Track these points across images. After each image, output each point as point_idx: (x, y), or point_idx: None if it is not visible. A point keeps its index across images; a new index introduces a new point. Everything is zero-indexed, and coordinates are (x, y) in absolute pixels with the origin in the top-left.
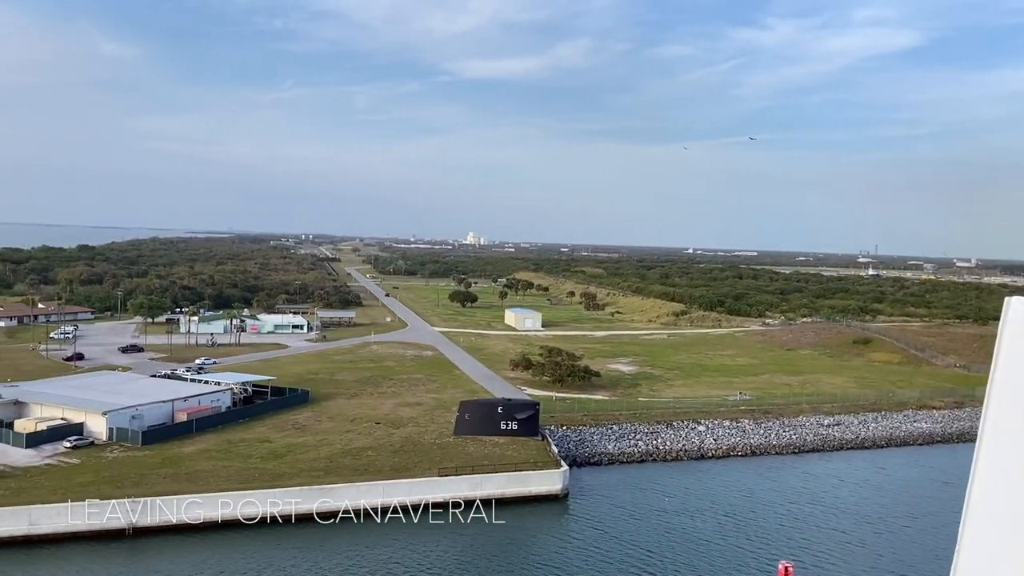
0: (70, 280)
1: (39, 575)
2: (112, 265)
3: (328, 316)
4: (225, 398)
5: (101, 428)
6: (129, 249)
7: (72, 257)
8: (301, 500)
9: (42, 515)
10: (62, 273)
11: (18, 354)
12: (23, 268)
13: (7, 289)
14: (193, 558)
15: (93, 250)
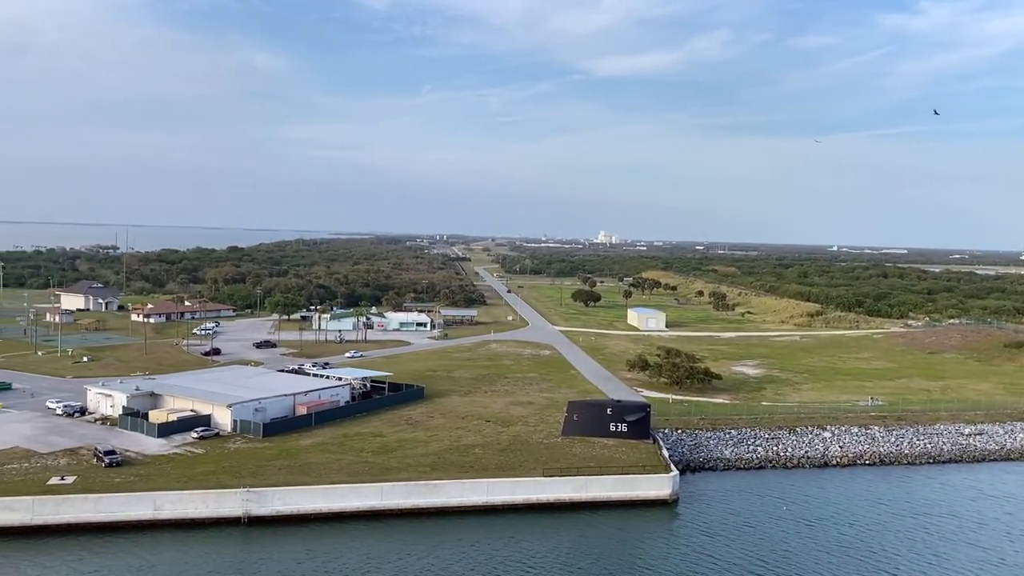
0: (216, 279)
1: (163, 558)
2: (256, 265)
3: (451, 314)
4: (344, 393)
5: (226, 420)
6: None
7: (222, 258)
8: (407, 495)
9: (165, 501)
10: (210, 273)
11: (163, 349)
12: (175, 268)
13: (160, 288)
14: (303, 548)
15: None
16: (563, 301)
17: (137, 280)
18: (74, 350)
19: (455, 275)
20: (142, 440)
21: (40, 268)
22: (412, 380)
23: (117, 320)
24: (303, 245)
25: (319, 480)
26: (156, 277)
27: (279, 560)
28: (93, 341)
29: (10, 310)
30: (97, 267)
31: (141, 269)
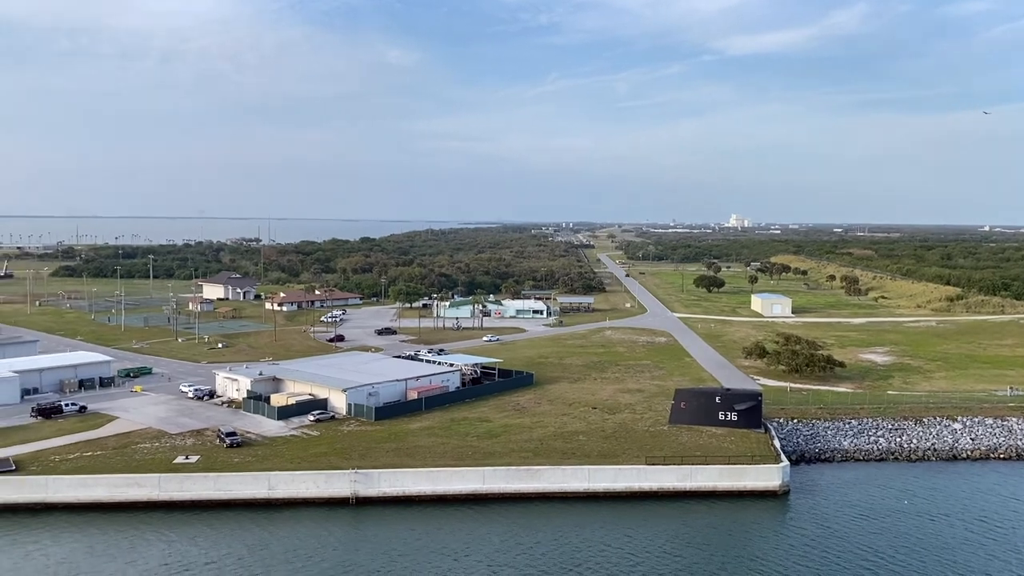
0: (345, 269)
1: (277, 535)
2: (385, 255)
3: (567, 301)
4: (454, 378)
5: (341, 403)
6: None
7: (354, 248)
8: (508, 479)
9: (279, 481)
10: (341, 263)
11: (292, 336)
12: (310, 259)
13: (294, 277)
14: (409, 529)
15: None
16: (685, 287)
17: (274, 270)
18: (210, 337)
19: (576, 263)
20: (263, 422)
21: (188, 260)
22: (523, 367)
23: (253, 308)
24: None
25: (424, 463)
26: (292, 267)
27: (386, 540)
28: (229, 328)
29: (157, 299)
30: (239, 258)
31: (278, 260)
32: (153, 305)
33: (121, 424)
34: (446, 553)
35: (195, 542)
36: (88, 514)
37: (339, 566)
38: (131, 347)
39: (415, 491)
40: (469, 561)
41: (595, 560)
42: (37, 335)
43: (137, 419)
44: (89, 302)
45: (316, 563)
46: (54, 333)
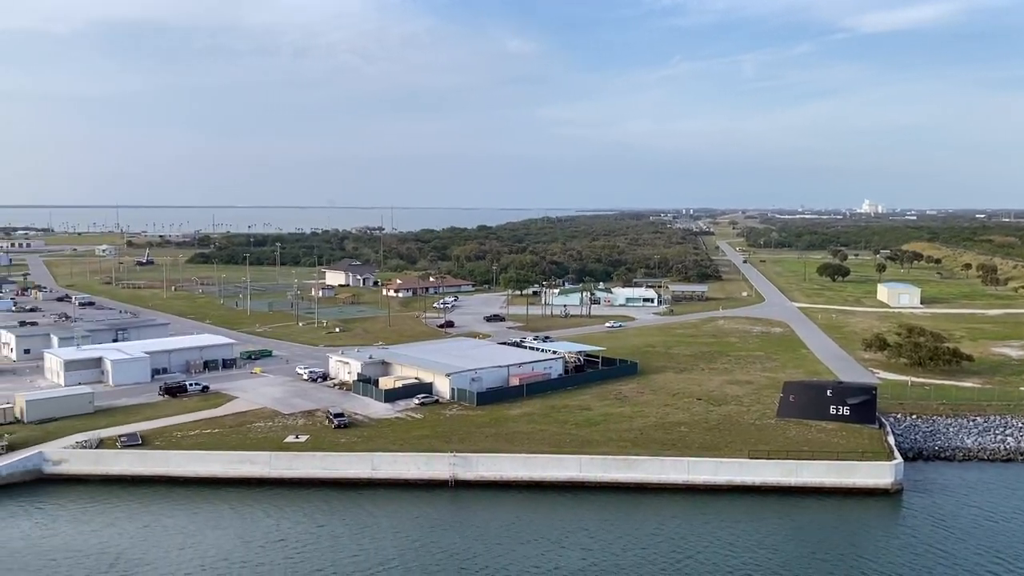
0: (459, 257)
1: (379, 514)
2: (499, 243)
3: (680, 290)
4: (557, 366)
5: (445, 388)
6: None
7: (470, 236)
8: (606, 468)
9: (382, 462)
10: (456, 250)
11: (404, 321)
12: (427, 247)
13: (412, 265)
14: (506, 513)
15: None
16: (807, 276)
17: (393, 258)
18: (329, 321)
19: (692, 250)
20: (370, 404)
21: (313, 248)
22: (628, 355)
23: (371, 295)
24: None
25: (521, 449)
26: (410, 255)
27: (483, 522)
28: (347, 313)
29: (282, 286)
30: (361, 246)
31: (397, 248)
32: (278, 291)
33: (239, 404)
34: (542, 538)
35: (306, 518)
36: (205, 488)
37: (437, 546)
38: (255, 330)
39: (512, 476)
40: (565, 547)
41: (696, 552)
42: (170, 318)
43: (254, 399)
44: (219, 287)
45: (416, 543)
46: (186, 316)
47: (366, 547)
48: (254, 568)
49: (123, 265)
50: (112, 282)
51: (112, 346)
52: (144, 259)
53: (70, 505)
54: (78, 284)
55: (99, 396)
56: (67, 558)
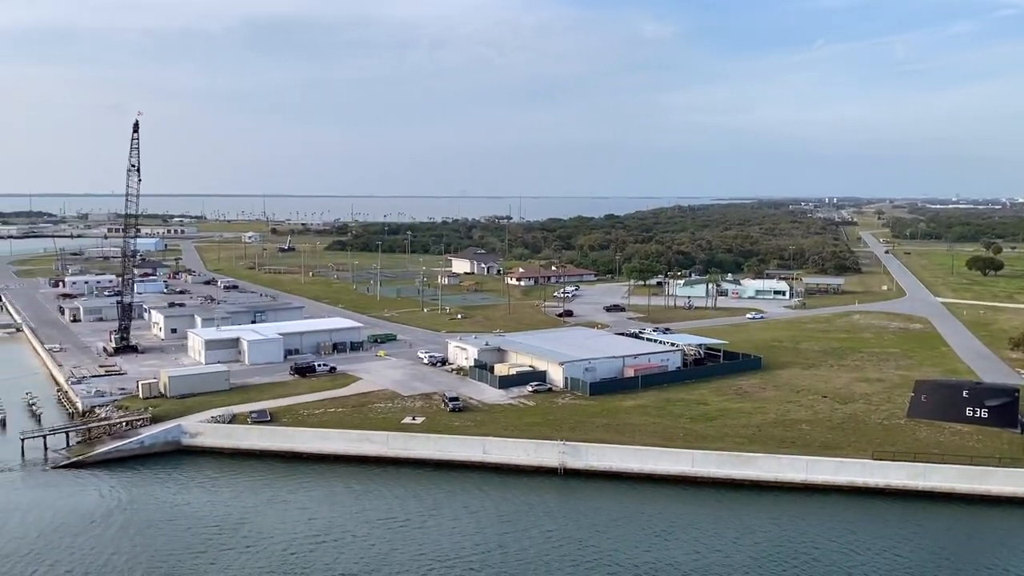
0: (583, 246)
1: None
2: (626, 232)
3: (813, 282)
4: (675, 358)
5: (559, 376)
6: (648, 217)
7: (597, 226)
8: (720, 464)
9: (492, 446)
10: (581, 240)
11: (524, 309)
12: (552, 236)
13: (536, 254)
14: (614, 504)
15: (616, 219)
16: (955, 269)
17: (518, 247)
18: (451, 308)
19: (831, 241)
20: (485, 390)
21: (442, 237)
22: (753, 350)
23: (494, 283)
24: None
25: (633, 441)
26: (535, 244)
27: (591, 512)
28: (469, 301)
29: (411, 272)
30: (488, 235)
31: (523, 237)
32: (407, 278)
33: (363, 385)
34: (650, 532)
35: (420, 498)
36: (326, 464)
37: (545, 533)
38: (382, 315)
39: (622, 467)
40: (674, 541)
41: (810, 552)
42: (305, 302)
43: (377, 381)
44: (352, 274)
45: (523, 529)
46: (320, 300)
47: (474, 529)
48: (367, 544)
49: (266, 251)
50: (255, 267)
51: (249, 327)
52: (286, 246)
53: (201, 476)
54: (224, 268)
55: (235, 374)
56: (197, 524)
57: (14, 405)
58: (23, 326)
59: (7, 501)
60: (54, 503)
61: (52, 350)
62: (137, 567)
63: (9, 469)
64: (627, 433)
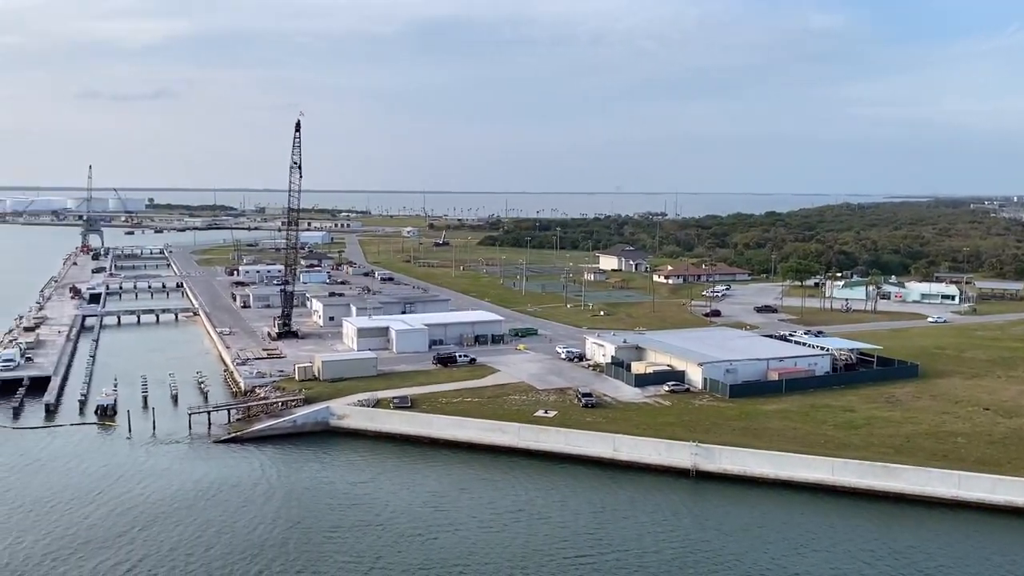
0: (737, 244)
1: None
2: (786, 230)
3: (988, 287)
4: (823, 363)
5: (697, 377)
6: (812, 215)
7: (755, 223)
8: (861, 475)
9: (623, 444)
10: (737, 237)
11: (670, 308)
12: (706, 233)
13: (688, 252)
14: (747, 509)
15: (776, 216)
16: None
17: (670, 244)
18: (595, 304)
19: (1015, 242)
20: (620, 388)
21: (592, 233)
22: (910, 357)
23: (641, 280)
24: (845, 210)
25: (769, 445)
26: (687, 241)
27: (723, 516)
28: (614, 298)
29: (558, 268)
30: (638, 232)
31: (676, 234)
32: (554, 273)
33: (500, 377)
34: (783, 540)
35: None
36: (460, 451)
37: (674, 534)
38: (526, 309)
39: (756, 472)
40: (808, 551)
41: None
42: (453, 295)
43: (514, 373)
44: (500, 268)
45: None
46: (467, 294)
47: (600, 526)
48: (494, 533)
49: (422, 245)
50: (411, 260)
51: (398, 317)
52: (440, 240)
53: (345, 455)
54: (383, 261)
55: (383, 361)
56: (336, 500)
57: (186, 383)
58: (199, 310)
59: (175, 469)
60: (215, 473)
61: (222, 333)
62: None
63: (177, 441)
64: (764, 437)
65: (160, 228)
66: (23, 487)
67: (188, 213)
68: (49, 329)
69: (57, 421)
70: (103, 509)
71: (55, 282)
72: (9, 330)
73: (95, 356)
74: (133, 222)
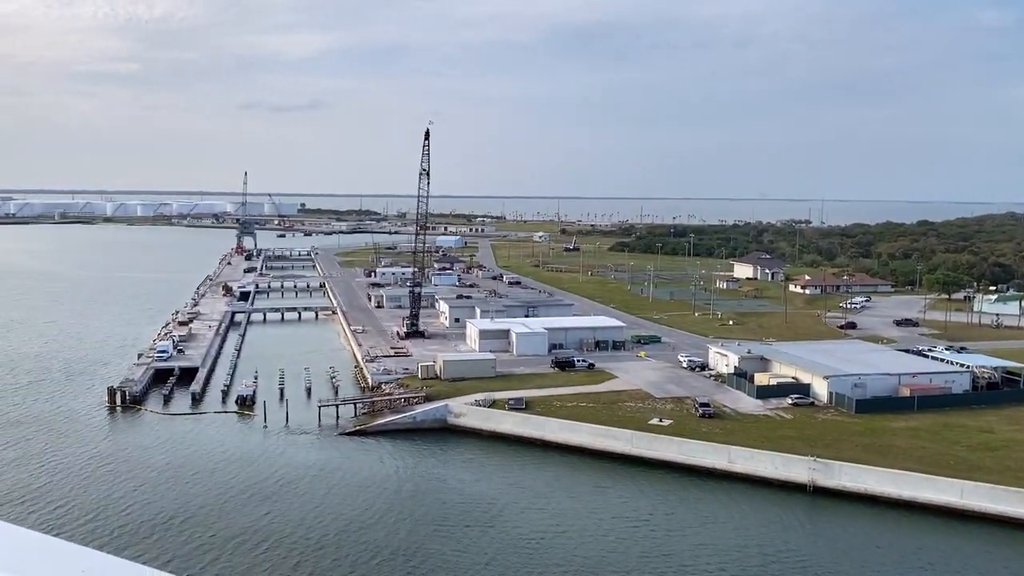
0: (882, 254)
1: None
2: (937, 240)
3: None
4: (962, 380)
5: (823, 391)
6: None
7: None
8: (993, 499)
9: (738, 456)
10: (882, 247)
11: (803, 319)
12: (850, 242)
13: (829, 261)
14: (867, 529)
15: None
16: None
17: (810, 253)
18: (723, 314)
19: None
20: (741, 399)
21: (729, 240)
22: None
23: (775, 289)
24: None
25: (894, 464)
26: (829, 250)
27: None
28: (745, 307)
29: (689, 275)
30: (778, 240)
31: (817, 242)
32: (684, 280)
33: (617, 383)
34: (906, 564)
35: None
36: (570, 455)
37: (787, 551)
38: (651, 316)
39: (877, 491)
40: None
41: None
42: (578, 300)
43: (631, 380)
44: (629, 274)
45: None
46: (593, 299)
47: (711, 538)
48: (601, 541)
49: (552, 250)
50: (540, 265)
51: (519, 321)
52: (571, 246)
53: (459, 453)
54: (512, 266)
55: (501, 363)
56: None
57: (319, 377)
58: (337, 309)
59: (304, 459)
60: (341, 464)
61: (356, 331)
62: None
63: (307, 432)
64: (889, 455)
65: (309, 231)
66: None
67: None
68: (201, 324)
69: (201, 408)
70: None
71: (210, 280)
72: (165, 324)
73: (240, 350)
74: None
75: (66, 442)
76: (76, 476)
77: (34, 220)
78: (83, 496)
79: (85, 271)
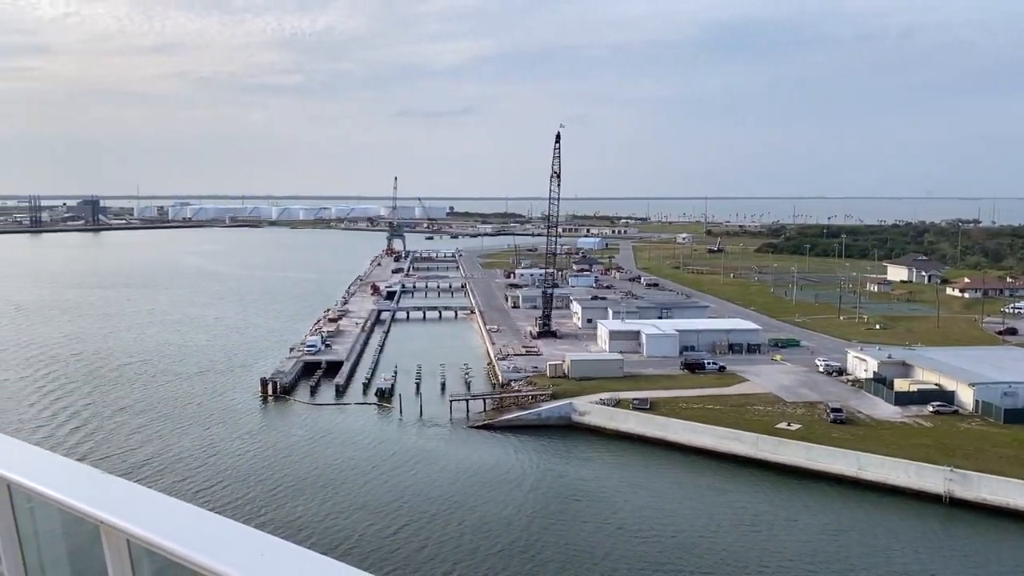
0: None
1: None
2: None
3: None
4: None
5: (968, 399)
6: None
7: None
8: None
9: (868, 463)
10: None
11: (957, 324)
12: (1020, 242)
13: (996, 263)
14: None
15: None
16: None
17: (975, 254)
18: (870, 317)
19: None
20: (877, 405)
21: (886, 241)
22: None
23: (931, 292)
24: None
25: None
26: (996, 251)
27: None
28: (896, 311)
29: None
30: (939, 240)
31: (984, 243)
32: (833, 282)
33: (747, 387)
34: None
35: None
36: (693, 456)
37: (919, 563)
38: (793, 320)
39: (1021, 505)
40: None
41: None
42: (716, 302)
43: (762, 384)
44: (773, 276)
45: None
46: (732, 301)
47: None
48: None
49: (695, 252)
50: (680, 267)
51: (649, 322)
52: (715, 247)
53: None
54: (651, 267)
55: (630, 364)
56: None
57: (453, 373)
58: (475, 309)
59: (436, 450)
60: (468, 455)
61: (491, 330)
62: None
63: (439, 424)
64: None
65: (456, 234)
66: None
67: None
68: (349, 321)
69: (344, 400)
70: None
71: (360, 280)
72: (316, 321)
73: (383, 346)
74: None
75: (223, 429)
76: (229, 456)
77: (208, 223)
78: (234, 469)
79: (250, 271)
